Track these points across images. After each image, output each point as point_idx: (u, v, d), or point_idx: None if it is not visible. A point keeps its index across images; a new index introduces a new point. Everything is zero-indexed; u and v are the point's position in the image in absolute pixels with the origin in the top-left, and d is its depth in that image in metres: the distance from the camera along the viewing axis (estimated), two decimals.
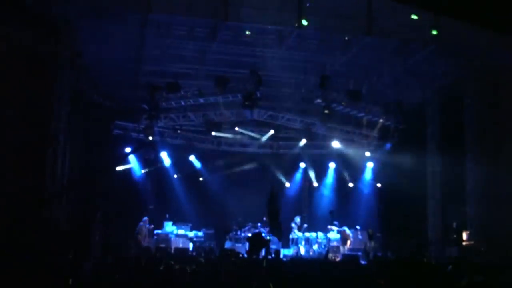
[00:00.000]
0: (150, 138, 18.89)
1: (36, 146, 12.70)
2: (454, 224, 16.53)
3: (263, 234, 17.18)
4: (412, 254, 15.66)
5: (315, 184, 22.61)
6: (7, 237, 10.44)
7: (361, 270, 9.44)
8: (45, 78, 12.63)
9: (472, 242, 15.69)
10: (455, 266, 8.57)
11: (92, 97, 16.57)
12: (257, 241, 13.50)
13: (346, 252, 17.96)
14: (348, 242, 18.22)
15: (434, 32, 13.17)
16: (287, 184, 22.63)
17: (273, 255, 13.67)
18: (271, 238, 17.52)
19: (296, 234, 19.32)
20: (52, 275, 7.80)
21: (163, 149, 20.65)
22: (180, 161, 21.25)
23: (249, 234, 18.15)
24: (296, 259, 14.83)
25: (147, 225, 18.24)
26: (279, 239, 17.61)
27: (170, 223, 19.07)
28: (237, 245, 18.37)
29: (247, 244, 17.90)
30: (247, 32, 14.78)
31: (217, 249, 17.57)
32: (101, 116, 17.30)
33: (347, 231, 18.38)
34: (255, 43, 15.47)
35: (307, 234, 19.37)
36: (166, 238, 18.42)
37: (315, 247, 18.95)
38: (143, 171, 20.39)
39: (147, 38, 15.10)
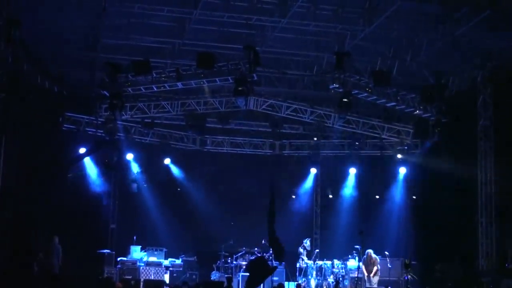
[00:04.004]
0: (112, 135, 18.70)
1: None
2: None
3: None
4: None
5: (330, 196, 22.50)
6: None
7: None
8: None
9: None
10: None
11: (35, 80, 16.40)
12: (259, 268, 13.35)
13: (372, 286, 17.90)
14: (375, 268, 18.11)
15: None
16: (293, 196, 22.54)
17: None
18: (277, 266, 17.53)
19: (305, 261, 19.25)
20: None
21: (129, 150, 20.52)
22: (151, 166, 21.10)
23: (243, 263, 18.10)
24: None
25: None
26: (280, 262, 17.57)
27: (138, 248, 18.96)
28: (226, 276, 18.27)
29: (240, 274, 18.03)
30: None
31: (201, 282, 17.46)
32: (47, 105, 17.15)
33: (373, 254, 18.30)
34: (251, 9, 15.32)
35: (319, 262, 19.28)
36: (133, 267, 18.34)
37: (331, 279, 18.90)
38: (102, 178, 20.17)
39: (109, 2, 14.87)
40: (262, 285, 16.50)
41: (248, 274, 14.92)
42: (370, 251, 18.17)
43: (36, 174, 16.35)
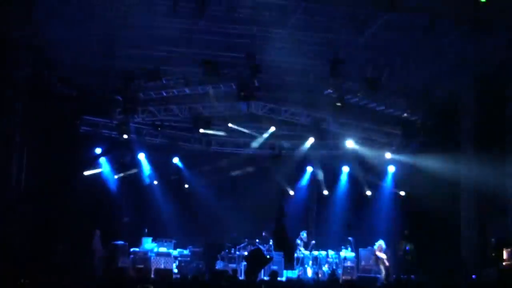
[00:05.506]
0: (125, 136, 18.65)
1: None
2: (493, 241, 16.33)
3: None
4: (442, 276, 15.56)
5: (325, 192, 22.32)
6: None
7: None
8: None
9: None
10: None
11: (54, 86, 16.30)
12: (256, 259, 13.30)
13: (361, 274, 17.90)
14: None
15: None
16: (291, 192, 22.40)
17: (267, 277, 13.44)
18: (273, 256, 17.54)
19: (302, 252, 19.15)
20: None
21: (141, 150, 20.41)
22: (161, 165, 21.02)
23: (245, 253, 18.03)
24: (298, 282, 14.60)
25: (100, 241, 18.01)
26: (289, 259, 17.62)
27: (149, 239, 18.87)
28: (230, 265, 18.23)
29: (242, 264, 17.94)
30: None
31: (207, 271, 17.38)
32: (66, 109, 17.11)
33: (383, 245, 18.25)
34: (252, 20, 15.14)
35: (315, 253, 19.18)
36: (144, 257, 18.25)
37: (325, 268, 18.82)
38: (116, 176, 20.12)
39: (122, 14, 14.75)
40: (262, 272, 16.50)
41: (247, 264, 14.92)
42: (381, 241, 18.18)
43: (56, 172, 16.28)
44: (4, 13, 12.71)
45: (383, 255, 17.99)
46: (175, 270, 18.32)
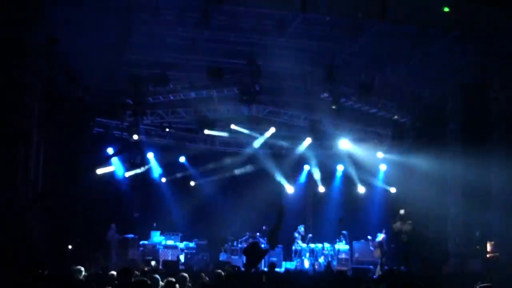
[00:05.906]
0: (135, 137, 18.74)
1: (5, 146, 12.44)
2: (477, 234, 16.47)
3: (262, 244, 17.15)
4: (430, 267, 15.61)
5: (321, 189, 22.44)
6: None
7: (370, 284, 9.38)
8: (13, 67, 12.32)
9: (497, 254, 15.64)
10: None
11: (69, 90, 16.31)
12: (254, 252, 13.31)
13: (355, 266, 17.95)
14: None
15: (446, 9, 12.85)
16: (290, 189, 22.43)
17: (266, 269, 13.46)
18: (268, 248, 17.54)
19: (299, 245, 19.21)
20: None
21: (150, 149, 20.51)
22: (169, 163, 21.11)
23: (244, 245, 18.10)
24: (296, 272, 14.62)
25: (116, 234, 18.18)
26: (271, 247, 17.71)
27: (157, 233, 19.01)
28: (233, 257, 18.33)
29: (244, 256, 17.97)
30: None
31: (211, 262, 17.45)
32: (80, 112, 17.13)
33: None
34: (253, 29, 15.27)
35: (312, 245, 19.25)
36: (153, 249, 18.42)
37: (321, 259, 18.88)
38: (127, 174, 20.16)
39: (131, 23, 14.89)
40: (263, 263, 16.53)
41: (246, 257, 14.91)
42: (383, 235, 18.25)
43: (70, 171, 16.30)
44: (21, 20, 12.67)
45: (382, 236, 17.98)
46: (182, 261, 18.33)
